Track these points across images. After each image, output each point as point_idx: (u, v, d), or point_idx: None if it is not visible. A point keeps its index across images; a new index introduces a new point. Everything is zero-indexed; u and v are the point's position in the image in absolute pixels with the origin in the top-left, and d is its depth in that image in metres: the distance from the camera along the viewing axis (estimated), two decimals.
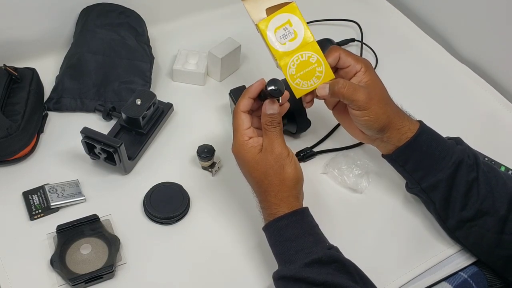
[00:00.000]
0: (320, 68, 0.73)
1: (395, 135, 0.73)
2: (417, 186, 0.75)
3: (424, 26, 1.16)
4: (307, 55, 0.72)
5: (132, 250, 0.74)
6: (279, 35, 0.72)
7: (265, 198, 0.69)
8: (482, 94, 1.03)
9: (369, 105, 0.70)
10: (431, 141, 0.73)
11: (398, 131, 0.73)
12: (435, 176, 0.72)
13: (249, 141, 0.69)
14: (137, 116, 0.83)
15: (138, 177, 0.83)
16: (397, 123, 0.73)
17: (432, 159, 0.72)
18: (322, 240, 0.67)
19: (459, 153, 0.72)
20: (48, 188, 0.78)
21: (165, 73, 1.00)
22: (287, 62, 0.73)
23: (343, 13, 1.14)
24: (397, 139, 0.73)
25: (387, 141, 0.74)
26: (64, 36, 0.98)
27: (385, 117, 0.71)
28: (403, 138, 0.73)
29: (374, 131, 0.73)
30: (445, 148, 0.73)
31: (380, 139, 0.75)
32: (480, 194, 0.71)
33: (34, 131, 0.83)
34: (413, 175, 0.75)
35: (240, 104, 0.70)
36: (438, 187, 0.72)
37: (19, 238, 0.74)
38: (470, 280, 0.74)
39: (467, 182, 0.71)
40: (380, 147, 0.77)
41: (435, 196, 0.73)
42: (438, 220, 0.77)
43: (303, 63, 0.73)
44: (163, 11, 1.07)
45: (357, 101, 0.70)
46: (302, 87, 0.73)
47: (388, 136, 0.73)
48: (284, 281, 0.64)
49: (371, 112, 0.70)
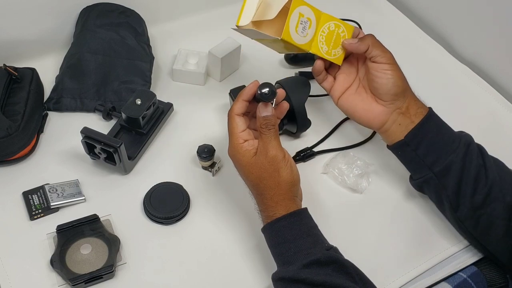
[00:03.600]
0: (341, 29, 0.78)
1: (413, 106, 0.75)
2: (429, 172, 0.74)
3: (424, 26, 1.16)
4: (326, 28, 0.76)
5: (132, 250, 0.74)
6: (300, 32, 0.74)
7: (262, 200, 0.69)
8: (482, 94, 1.03)
9: (394, 63, 0.75)
10: (441, 124, 0.76)
11: (415, 103, 0.75)
12: (448, 158, 0.73)
13: (244, 144, 0.70)
14: (137, 116, 0.83)
15: (138, 177, 0.83)
16: (414, 96, 0.76)
17: (444, 141, 0.74)
18: (320, 241, 0.67)
19: (467, 137, 0.75)
20: (48, 188, 0.78)
21: (165, 73, 1.00)
22: (317, 46, 0.76)
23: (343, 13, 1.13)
24: (414, 112, 0.75)
25: (405, 112, 0.75)
26: (64, 36, 0.98)
27: (406, 82, 0.76)
28: (418, 113, 0.75)
29: (399, 92, 0.75)
30: (453, 132, 0.76)
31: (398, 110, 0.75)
32: (488, 179, 0.72)
33: (34, 131, 0.83)
34: (425, 159, 0.74)
35: (234, 107, 0.70)
36: (451, 170, 0.72)
37: (19, 238, 0.74)
38: (469, 280, 0.74)
39: (476, 166, 0.72)
40: (393, 127, 0.76)
41: (448, 181, 0.73)
42: (449, 209, 0.75)
43: (327, 37, 0.77)
44: (163, 11, 1.07)
45: (387, 53, 0.75)
46: (339, 54, 0.78)
47: (407, 106, 0.75)
48: (283, 282, 0.64)
49: (396, 68, 0.75)
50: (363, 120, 0.79)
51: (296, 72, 1.01)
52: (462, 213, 0.74)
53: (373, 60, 0.75)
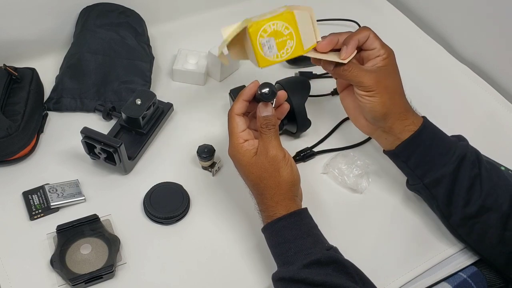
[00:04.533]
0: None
1: (397, 126, 0.72)
2: (419, 182, 0.74)
3: (424, 26, 1.16)
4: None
5: (132, 250, 0.74)
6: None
7: (262, 200, 0.69)
8: (482, 94, 1.02)
9: (376, 88, 0.70)
10: (434, 136, 0.73)
11: (401, 123, 0.72)
12: (439, 171, 0.72)
13: (244, 144, 0.69)
14: (137, 116, 0.83)
15: (138, 177, 0.83)
16: (401, 114, 0.72)
17: (435, 154, 0.72)
18: (321, 241, 0.67)
19: (462, 149, 0.73)
20: (48, 188, 0.78)
21: (165, 73, 1.00)
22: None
23: (343, 13, 1.14)
24: (399, 131, 0.72)
25: (389, 131, 0.73)
26: (64, 36, 0.98)
27: (391, 103, 0.71)
28: (406, 130, 0.72)
29: (378, 117, 0.72)
30: (448, 143, 0.73)
31: (382, 129, 0.74)
32: (483, 190, 0.71)
33: (34, 131, 0.83)
34: (415, 171, 0.74)
35: (234, 107, 0.70)
36: (441, 182, 0.72)
37: (19, 238, 0.74)
38: (469, 280, 0.74)
39: (470, 177, 0.71)
40: (381, 139, 0.76)
41: (437, 192, 0.73)
42: (441, 217, 0.76)
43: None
44: (163, 11, 1.07)
45: (363, 83, 0.70)
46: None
47: (390, 126, 0.73)
48: (283, 282, 0.64)
49: (377, 94, 0.70)
50: (356, 123, 0.79)
51: (296, 72, 1.01)
52: (455, 222, 0.74)
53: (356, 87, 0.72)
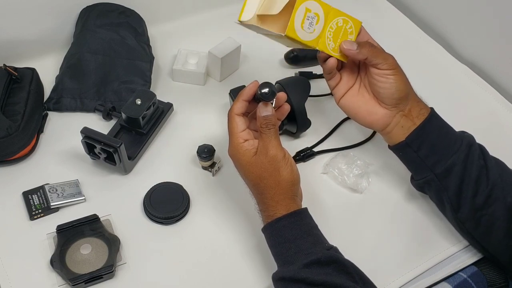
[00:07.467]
0: (349, 25, 0.74)
1: (415, 108, 0.74)
2: (429, 174, 0.74)
3: (424, 26, 1.16)
4: (334, 24, 0.73)
5: (132, 250, 0.74)
6: (306, 28, 0.71)
7: (262, 200, 0.69)
8: (482, 94, 1.03)
9: (397, 67, 0.73)
10: (442, 124, 0.76)
11: (417, 105, 0.75)
12: (450, 159, 0.72)
13: (244, 144, 0.70)
14: (137, 116, 0.83)
15: (138, 177, 0.83)
16: (416, 96, 0.76)
17: (445, 142, 0.74)
18: (321, 241, 0.67)
19: (469, 138, 0.75)
20: (48, 188, 0.78)
21: (165, 73, 1.00)
22: (324, 42, 0.73)
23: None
24: (416, 114, 0.74)
25: (408, 115, 0.74)
26: (64, 36, 0.98)
27: (409, 83, 0.75)
28: (420, 114, 0.74)
29: (402, 96, 0.74)
30: (455, 133, 0.76)
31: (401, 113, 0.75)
32: (489, 180, 0.71)
33: (34, 131, 0.83)
34: (426, 160, 0.74)
35: (234, 107, 0.70)
36: (452, 171, 0.72)
37: (19, 238, 0.74)
38: (469, 280, 0.74)
39: (478, 167, 0.72)
40: (396, 129, 0.76)
41: (449, 182, 0.73)
42: (449, 211, 0.75)
43: (335, 33, 0.74)
44: (163, 11, 1.07)
45: (388, 59, 0.73)
46: None
47: (410, 108, 0.74)
48: (284, 282, 0.64)
49: (398, 72, 0.73)
50: (366, 121, 0.78)
51: (296, 72, 1.01)
52: (463, 214, 0.74)
53: (374, 66, 0.73)
